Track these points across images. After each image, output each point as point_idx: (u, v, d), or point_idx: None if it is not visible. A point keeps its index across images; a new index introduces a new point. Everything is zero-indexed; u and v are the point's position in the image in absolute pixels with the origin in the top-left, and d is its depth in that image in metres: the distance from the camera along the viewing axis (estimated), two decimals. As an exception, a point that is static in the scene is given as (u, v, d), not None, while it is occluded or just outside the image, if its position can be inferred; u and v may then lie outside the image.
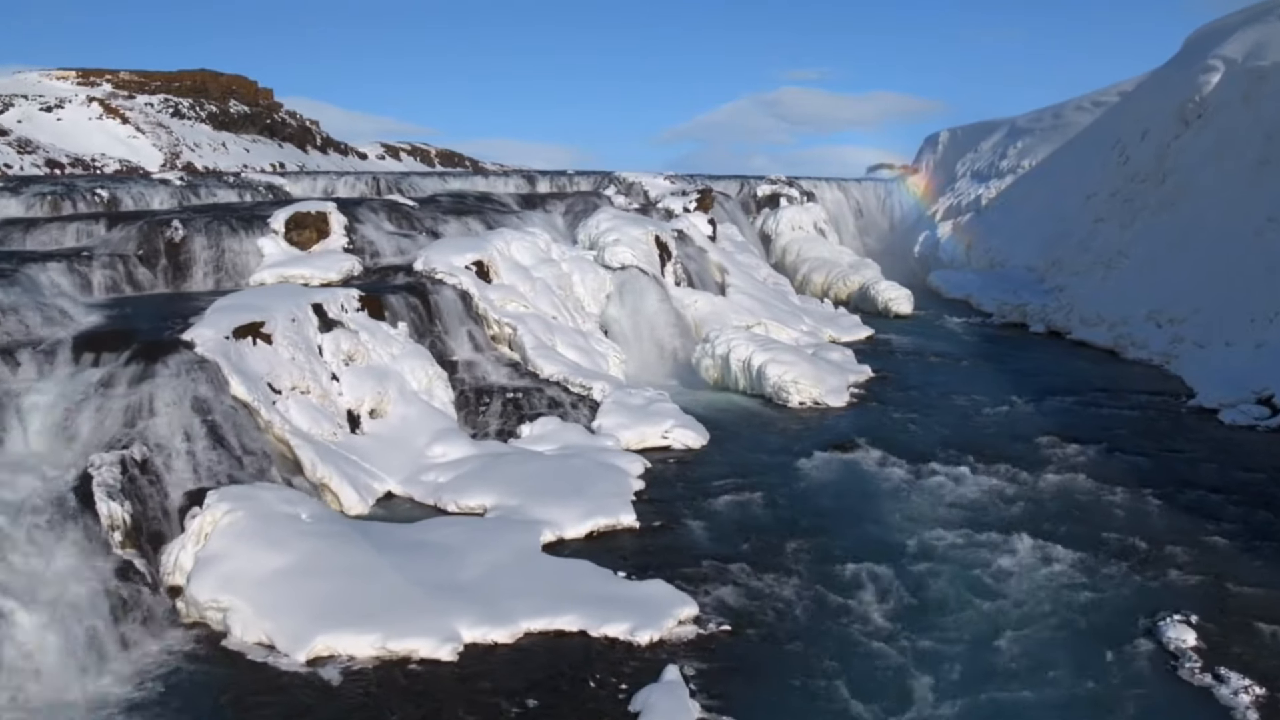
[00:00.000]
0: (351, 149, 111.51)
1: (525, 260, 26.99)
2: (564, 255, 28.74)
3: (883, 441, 20.23)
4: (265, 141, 78.32)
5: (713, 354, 25.60)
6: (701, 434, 20.45)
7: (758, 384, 24.63)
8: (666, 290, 30.48)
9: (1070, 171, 46.72)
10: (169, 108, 72.61)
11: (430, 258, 24.60)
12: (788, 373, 24.13)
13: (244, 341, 17.00)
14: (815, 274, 48.22)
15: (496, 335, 23.88)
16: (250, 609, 11.60)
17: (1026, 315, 37.75)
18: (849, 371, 26.40)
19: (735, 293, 33.33)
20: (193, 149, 67.45)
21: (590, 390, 21.64)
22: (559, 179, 40.72)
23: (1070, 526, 15.58)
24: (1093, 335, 32.75)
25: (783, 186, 56.32)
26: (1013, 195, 52.18)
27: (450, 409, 20.20)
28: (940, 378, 27.40)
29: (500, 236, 26.93)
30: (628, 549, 14.55)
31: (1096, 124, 48.16)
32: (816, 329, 33.66)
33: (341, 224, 26.56)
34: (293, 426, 16.52)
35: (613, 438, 19.63)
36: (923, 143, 78.29)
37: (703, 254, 34.57)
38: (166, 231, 24.90)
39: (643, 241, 30.94)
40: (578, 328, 26.29)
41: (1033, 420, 22.53)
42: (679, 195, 38.46)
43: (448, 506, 16.24)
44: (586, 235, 31.19)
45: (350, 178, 36.15)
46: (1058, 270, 40.28)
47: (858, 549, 14.52)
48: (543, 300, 25.77)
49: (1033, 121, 57.03)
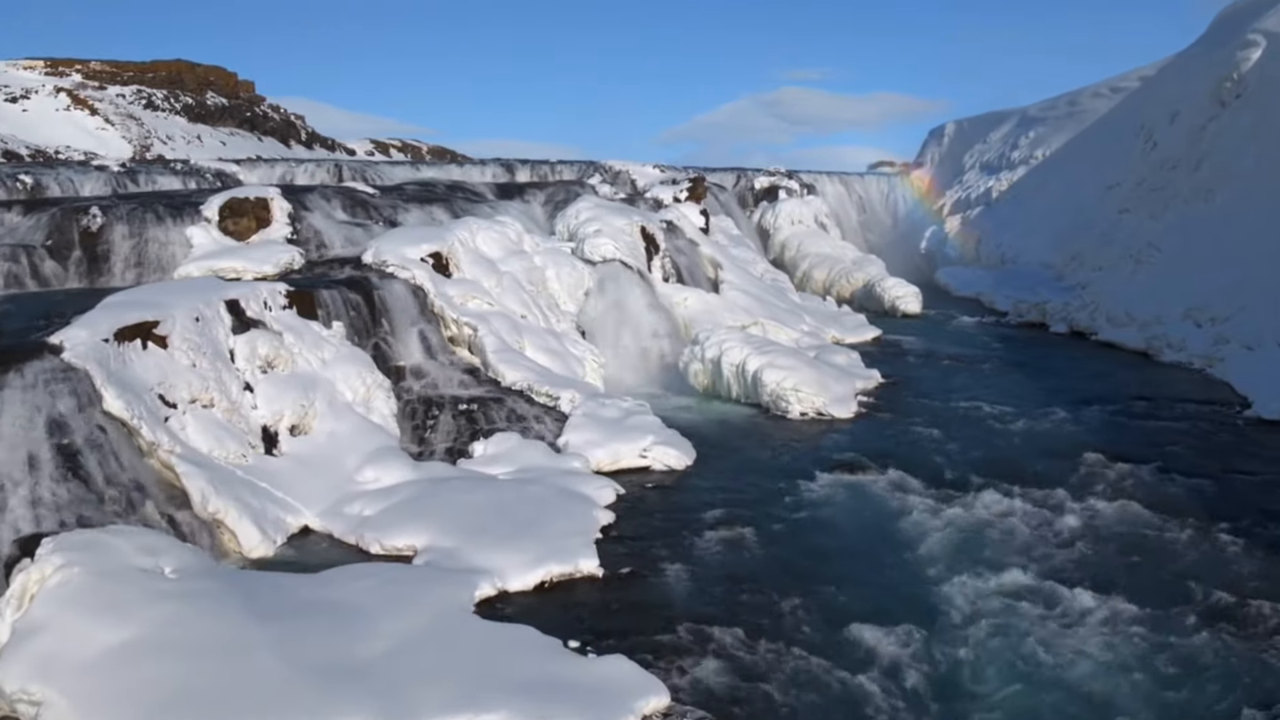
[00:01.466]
0: (340, 145, 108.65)
1: (492, 252, 24.02)
2: (537, 247, 25.78)
3: (898, 461, 17.29)
4: (244, 135, 75.33)
5: (702, 357, 22.63)
6: (686, 452, 17.50)
7: (753, 391, 21.67)
8: (652, 286, 27.53)
9: (1089, 161, 43.78)
10: (141, 99, 69.64)
11: (381, 249, 21.65)
12: (787, 379, 21.17)
13: (129, 345, 14.03)
14: (816, 270, 45.21)
15: (454, 337, 20.92)
16: (66, 705, 8.65)
17: (1046, 314, 34.79)
18: (856, 377, 23.43)
19: (729, 289, 30.36)
20: (165, 141, 64.48)
21: (557, 400, 18.68)
22: (540, 168, 37.88)
23: (1135, 573, 12.63)
24: (1122, 336, 29.80)
25: (782, 179, 53.33)
26: (1025, 187, 49.21)
27: (391, 423, 17.24)
28: (959, 384, 24.45)
29: (463, 226, 23.96)
30: (586, 607, 11.60)
31: (1116, 110, 45.19)
32: (818, 329, 30.69)
33: (285, 212, 23.61)
34: (186, 448, 13.57)
35: (580, 457, 16.67)
36: (927, 136, 75.29)
37: (694, 247, 31.60)
38: (83, 220, 21.95)
39: (626, 233, 27.99)
40: (550, 328, 23.33)
41: (1070, 434, 19.58)
42: (669, 185, 35.46)
43: (370, 547, 13.29)
44: (565, 226, 28.23)
45: (310, 165, 33.29)
46: (1078, 266, 37.33)
47: (873, 605, 11.58)
48: (510, 297, 22.81)
49: (1045, 110, 54.04)
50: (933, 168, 70.11)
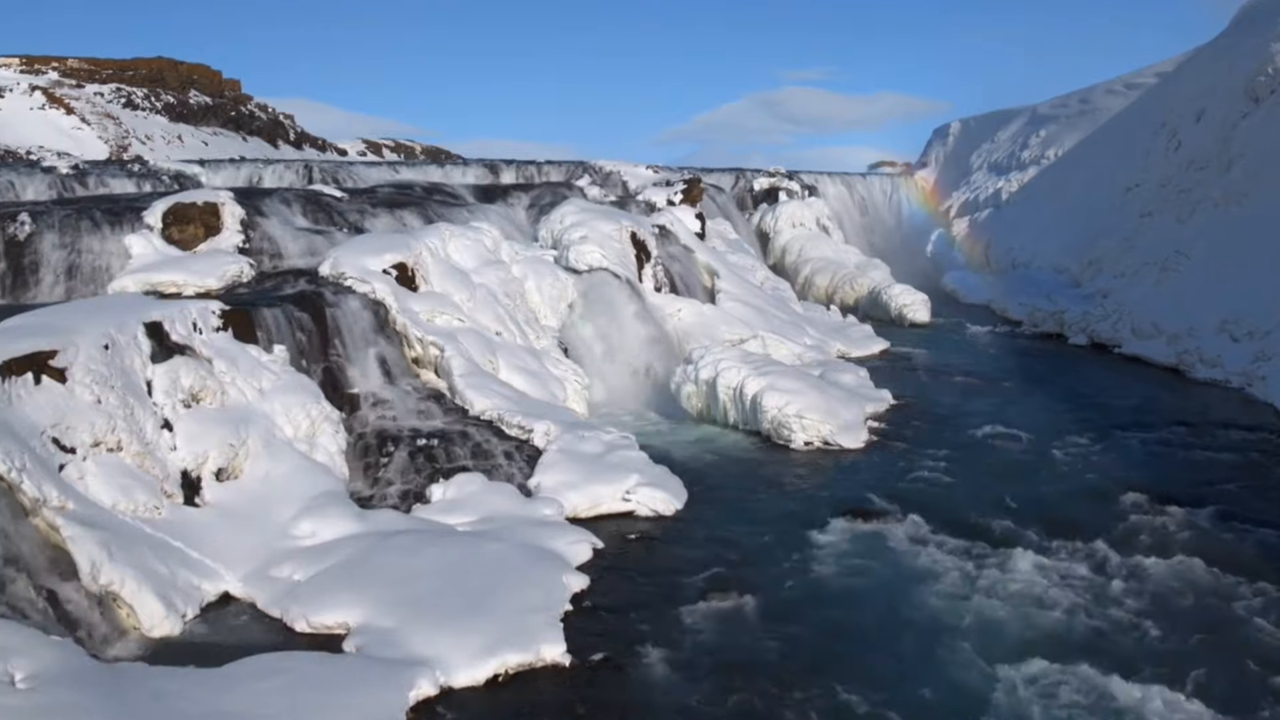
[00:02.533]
0: (331, 145, 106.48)
1: (465, 262, 21.92)
2: (516, 256, 23.68)
3: (917, 503, 15.20)
4: (228, 135, 73.18)
5: (696, 378, 20.53)
6: (676, 494, 15.40)
7: (752, 417, 19.57)
8: (643, 297, 25.43)
9: (1105, 161, 41.68)
10: (121, 98, 67.48)
11: (340, 260, 19.56)
12: (790, 404, 19.07)
13: (18, 381, 11.94)
14: (819, 276, 43.15)
15: (419, 358, 18.83)
16: None
17: (1064, 324, 32.69)
18: (865, 399, 21.32)
19: (727, 299, 28.27)
20: (144, 141, 62.36)
21: (531, 434, 16.57)
22: (526, 169, 35.83)
23: (1210, 660, 10.53)
24: (1149, 350, 27.70)
25: (782, 180, 51.23)
26: (1037, 188, 47.12)
27: (338, 462, 15.14)
28: (976, 405, 22.35)
29: (434, 233, 21.85)
30: (547, 709, 9.49)
31: (1134, 108, 43.10)
32: (822, 342, 28.61)
33: (237, 218, 21.50)
34: (82, 503, 11.47)
35: (554, 503, 14.57)
36: (931, 135, 73.27)
37: (688, 254, 29.51)
38: (9, 228, 19.84)
39: (615, 239, 25.90)
40: (529, 345, 21.24)
41: (1105, 468, 17.48)
42: (662, 187, 33.35)
43: (296, 624, 11.19)
44: (549, 231, 26.14)
45: (279, 166, 31.21)
46: (1096, 272, 35.22)
47: (899, 702, 9.50)
48: (484, 312, 20.71)
49: (1056, 108, 51.94)
50: (937, 168, 68.05)
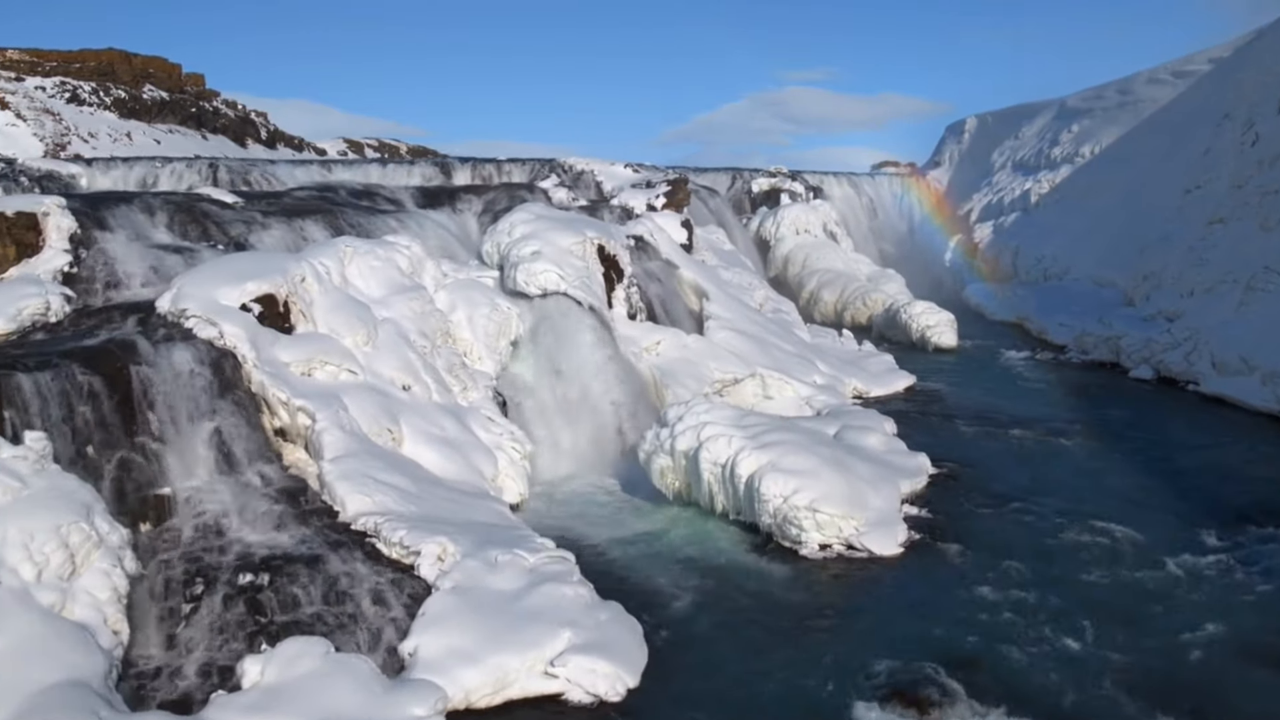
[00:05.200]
0: (309, 144, 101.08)
1: (369, 289, 16.62)
2: (444, 279, 18.40)
3: (994, 673, 9.94)
4: (187, 133, 67.76)
5: (672, 448, 15.21)
6: (627, 660, 10.10)
7: (748, 506, 14.27)
8: (611, 328, 20.14)
9: (1155, 158, 36.36)
10: (65, 92, 62.17)
11: (184, 291, 14.25)
12: (800, 491, 13.74)
13: None
14: (826, 291, 37.85)
15: (286, 428, 13.53)
16: None
17: (1121, 352, 27.41)
18: (898, 473, 15.98)
19: (718, 328, 22.95)
20: (86, 139, 57.05)
21: (416, 561, 11.21)
22: (484, 167, 30.57)
23: None
24: (1239, 389, 22.41)
25: (784, 180, 46.01)
26: (1072, 189, 41.79)
27: (112, 618, 9.80)
28: (1041, 476, 17.06)
29: (326, 251, 16.54)
30: None
31: (1188, 98, 37.75)
32: (835, 379, 23.29)
33: (65, 233, 16.20)
34: None
35: (433, 690, 9.25)
36: (944, 133, 67.79)
37: (671, 271, 24.20)
38: None
39: (577, 255, 20.60)
40: (451, 402, 15.93)
41: (1258, 598, 12.17)
42: (642, 188, 27.98)
43: None
44: (494, 245, 20.84)
45: (179, 165, 25.99)
46: (1153, 288, 29.89)
47: None
48: (388, 358, 15.41)
49: (1089, 100, 46.56)
50: (951, 167, 62.72)
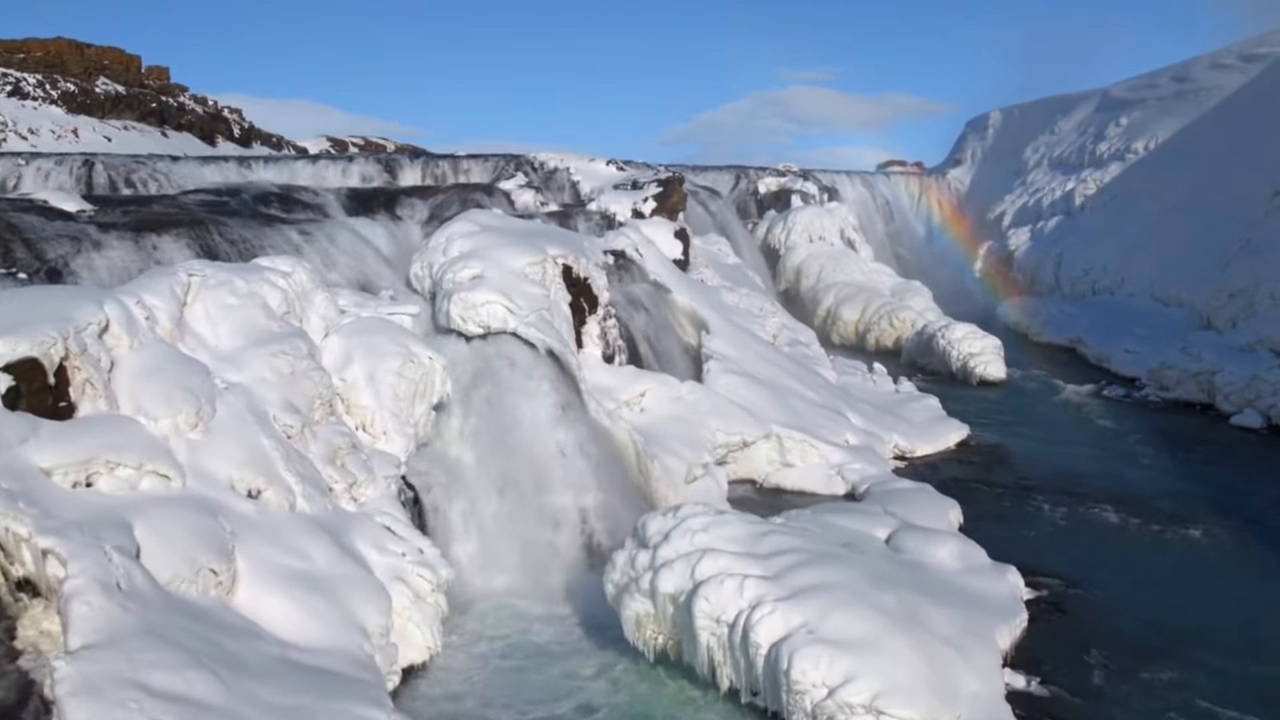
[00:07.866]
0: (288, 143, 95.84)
1: (221, 338, 11.44)
2: (338, 318, 13.21)
3: None
4: (145, 129, 62.53)
5: (652, 587, 10.00)
6: None
7: (770, 689, 9.08)
8: (578, 378, 14.95)
9: (1230, 153, 31.23)
10: (8, 85, 57.03)
11: (-110, 351, 9.05)
12: (857, 679, 8.53)
13: None
14: (845, 308, 32.66)
15: (31, 579, 8.33)
16: None
17: (1217, 392, 22.29)
18: (987, 613, 10.76)
19: (722, 371, 17.76)
20: (26, 136, 51.94)
21: None
22: (438, 165, 25.42)
23: None
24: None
25: (794, 180, 40.90)
26: (1123, 189, 36.63)
27: None
28: (1182, 594, 12.04)
29: (156, 283, 11.35)
30: None
31: (1263, 83, 32.58)
32: (872, 435, 18.12)
33: None
34: None
35: None
36: (965, 129, 62.57)
37: (662, 296, 19.00)
38: None
39: (534, 279, 15.41)
40: (328, 511, 10.75)
41: None
42: (627, 190, 22.74)
43: None
44: (424, 267, 15.67)
45: (48, 162, 20.89)
46: (1246, 311, 24.74)
47: None
48: (226, 448, 10.23)
49: (1138, 90, 41.42)
50: (974, 166, 57.60)
